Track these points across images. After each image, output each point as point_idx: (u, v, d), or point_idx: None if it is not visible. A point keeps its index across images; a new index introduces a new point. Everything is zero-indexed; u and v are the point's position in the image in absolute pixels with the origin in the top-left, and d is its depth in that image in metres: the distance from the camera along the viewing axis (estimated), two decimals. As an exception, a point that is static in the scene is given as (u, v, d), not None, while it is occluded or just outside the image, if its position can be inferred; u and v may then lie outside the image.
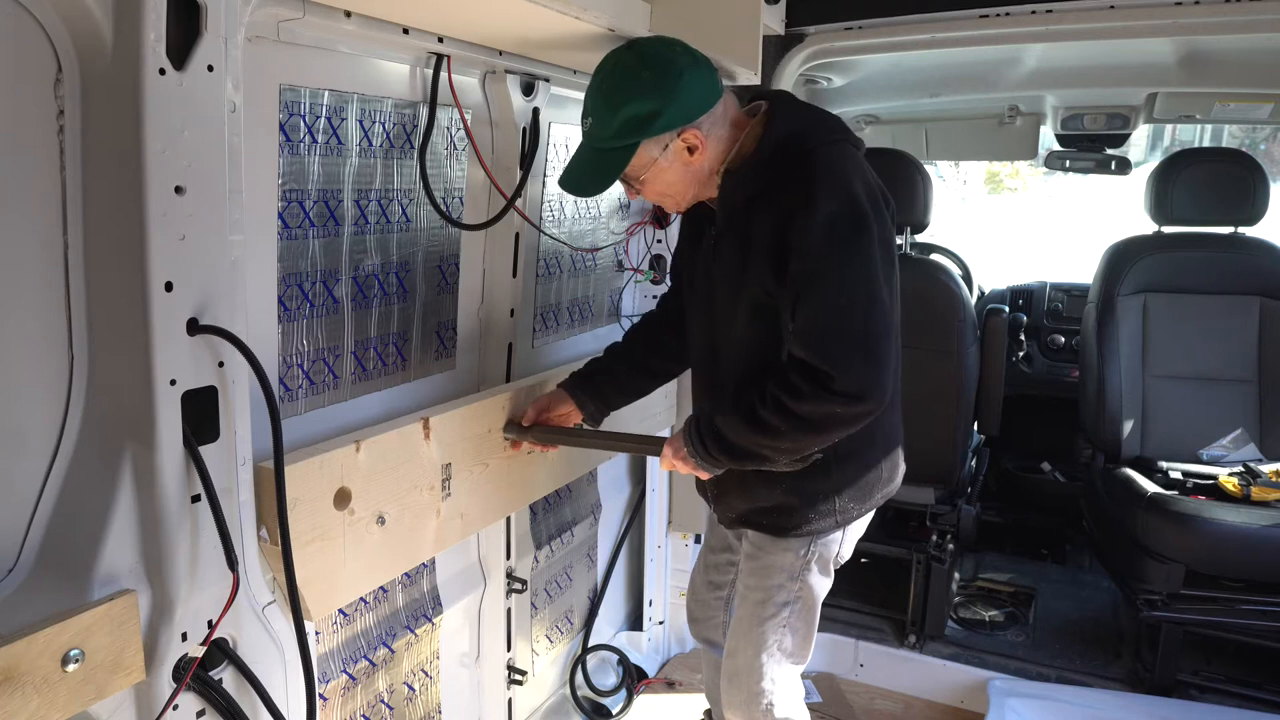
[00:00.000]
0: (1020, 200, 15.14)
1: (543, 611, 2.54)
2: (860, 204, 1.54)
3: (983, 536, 3.60)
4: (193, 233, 1.18)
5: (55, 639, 1.06)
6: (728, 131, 1.62)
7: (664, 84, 1.52)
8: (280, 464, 1.33)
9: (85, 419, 1.18)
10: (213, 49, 1.17)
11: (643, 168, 1.59)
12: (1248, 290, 2.97)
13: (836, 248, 1.51)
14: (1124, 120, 3.24)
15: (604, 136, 1.56)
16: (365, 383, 1.80)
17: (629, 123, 1.53)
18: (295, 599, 1.38)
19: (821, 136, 1.61)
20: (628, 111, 1.52)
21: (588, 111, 1.58)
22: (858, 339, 1.50)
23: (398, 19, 1.56)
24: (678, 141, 1.57)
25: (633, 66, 1.53)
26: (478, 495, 1.89)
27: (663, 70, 1.52)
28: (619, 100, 1.52)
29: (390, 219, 1.79)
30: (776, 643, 1.83)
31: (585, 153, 1.61)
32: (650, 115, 1.52)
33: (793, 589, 1.82)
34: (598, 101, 1.55)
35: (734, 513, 1.87)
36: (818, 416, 1.51)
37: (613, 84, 1.54)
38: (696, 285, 1.81)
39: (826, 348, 1.49)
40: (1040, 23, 2.20)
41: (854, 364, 1.48)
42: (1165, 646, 2.65)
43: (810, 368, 1.49)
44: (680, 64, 1.53)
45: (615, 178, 1.61)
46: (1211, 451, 2.92)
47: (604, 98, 1.54)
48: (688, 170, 1.61)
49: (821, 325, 1.51)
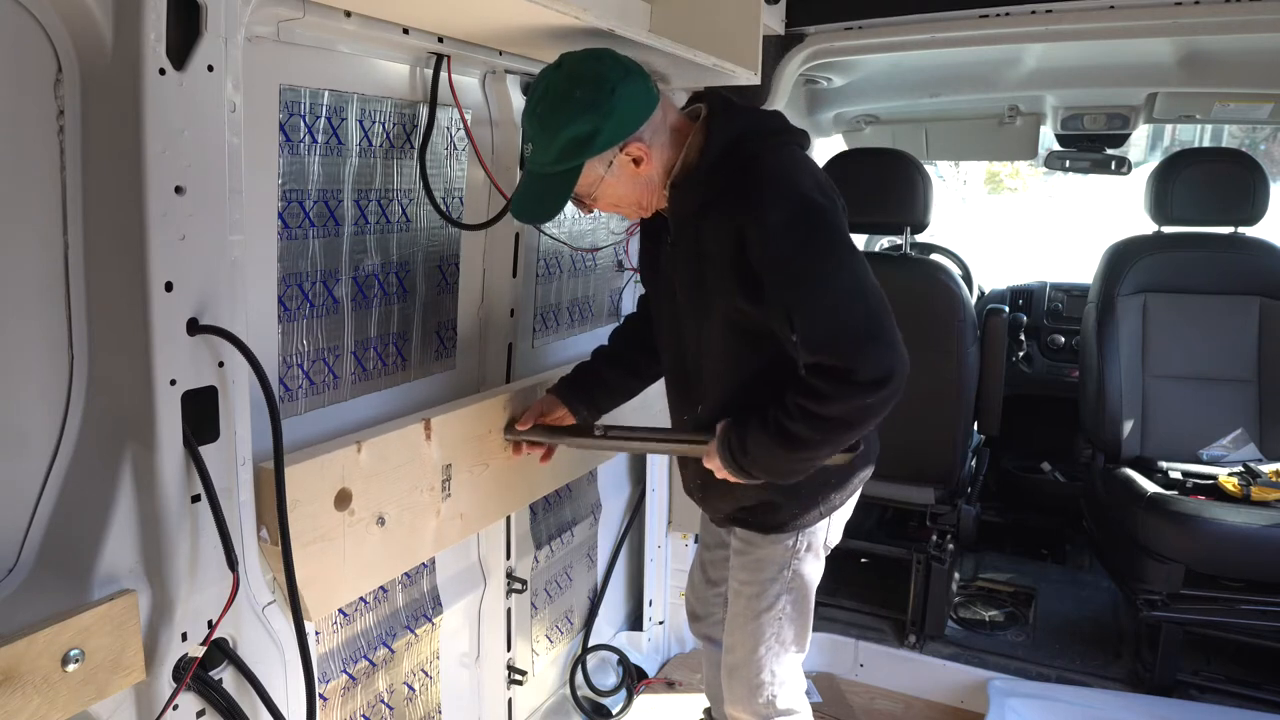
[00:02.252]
0: (1020, 200, 15.13)
1: (543, 611, 2.54)
2: (812, 199, 1.52)
3: (983, 536, 3.60)
4: (193, 233, 1.18)
5: (55, 639, 1.06)
6: (670, 136, 1.59)
7: (598, 101, 1.48)
8: (280, 464, 1.33)
9: (85, 419, 1.18)
10: (213, 49, 1.17)
11: (591, 185, 1.56)
12: (1248, 290, 2.97)
13: (805, 249, 1.50)
14: (1124, 120, 3.24)
15: (546, 162, 1.52)
16: (365, 383, 1.80)
17: (569, 145, 1.49)
18: (295, 599, 1.38)
19: (764, 140, 1.59)
20: (566, 135, 1.48)
21: (527, 138, 1.54)
22: (862, 327, 1.48)
23: (398, 19, 1.56)
24: (621, 156, 1.54)
25: (563, 88, 1.49)
26: (478, 495, 1.89)
27: (595, 86, 1.48)
28: (555, 124, 1.49)
29: (390, 219, 1.79)
30: (774, 635, 1.84)
31: (530, 179, 1.57)
32: (589, 135, 1.49)
33: (785, 579, 1.82)
34: (535, 128, 1.52)
35: (721, 513, 1.89)
36: (849, 413, 1.49)
37: (546, 108, 1.50)
38: (660, 290, 1.81)
39: (837, 346, 1.47)
40: (1040, 23, 2.20)
41: (869, 352, 1.46)
42: (1165, 646, 2.65)
43: (828, 369, 1.47)
44: (611, 78, 1.49)
45: (564, 202, 1.57)
46: (1211, 451, 2.92)
47: (540, 123, 1.51)
48: (637, 181, 1.58)
49: (824, 327, 1.48)
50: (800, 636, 1.87)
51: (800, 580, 1.84)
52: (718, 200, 1.56)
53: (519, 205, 1.60)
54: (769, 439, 1.56)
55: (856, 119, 3.54)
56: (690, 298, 1.69)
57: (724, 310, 1.62)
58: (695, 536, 2.92)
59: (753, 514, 1.80)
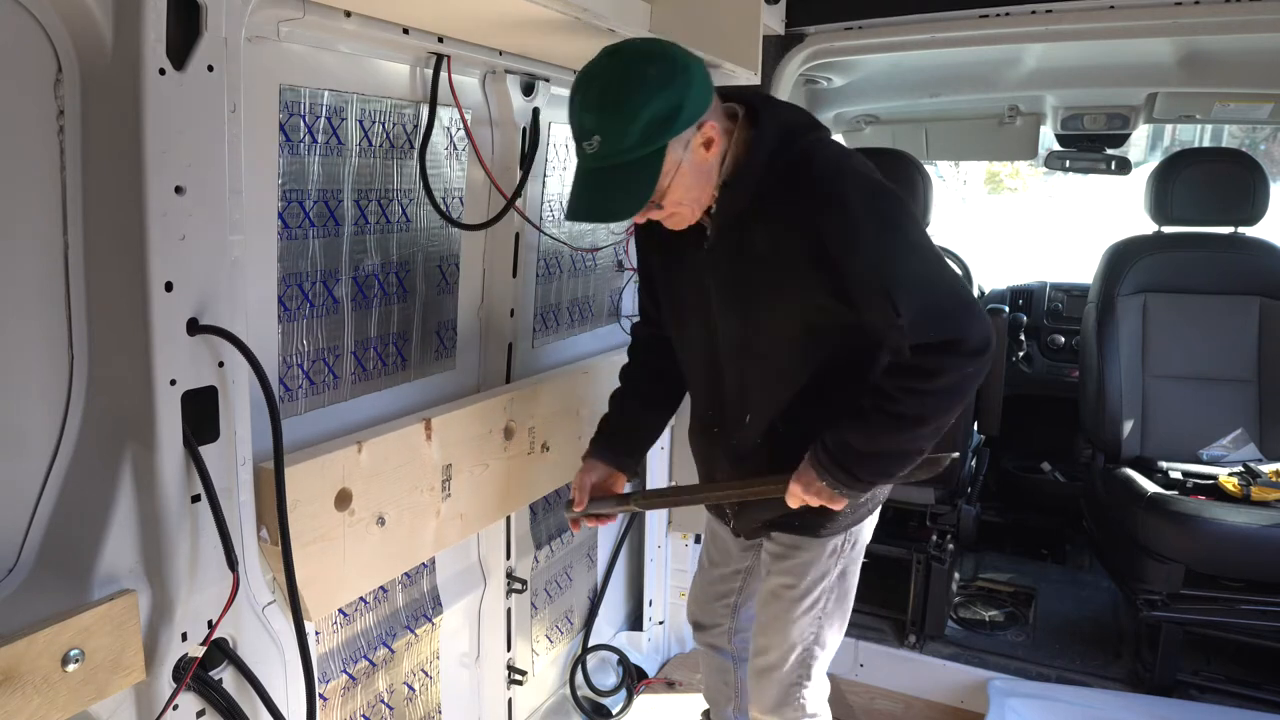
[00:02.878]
0: (1020, 200, 15.13)
1: (543, 611, 2.54)
2: (883, 184, 1.52)
3: (983, 536, 3.60)
4: (193, 233, 1.18)
5: (55, 639, 1.06)
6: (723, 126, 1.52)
7: (675, 75, 1.41)
8: (280, 464, 1.33)
9: (85, 419, 1.18)
10: (213, 49, 1.17)
11: (669, 173, 1.46)
12: (1248, 290, 2.97)
13: (892, 231, 1.48)
14: (1124, 120, 3.24)
15: (625, 149, 1.41)
16: (365, 383, 1.80)
17: (651, 125, 1.40)
18: (295, 599, 1.38)
19: (808, 134, 1.56)
20: (648, 113, 1.39)
21: (589, 130, 1.42)
22: (955, 296, 1.48)
23: (398, 19, 1.56)
24: (696, 137, 1.46)
25: (634, 69, 1.41)
26: (478, 496, 1.89)
27: (669, 61, 1.42)
28: (634, 104, 1.39)
29: (390, 219, 1.79)
30: (814, 636, 1.81)
31: (601, 174, 1.45)
32: (673, 111, 1.41)
33: (830, 580, 1.79)
34: (604, 116, 1.41)
35: (758, 521, 1.82)
36: (955, 384, 1.48)
37: (619, 92, 1.41)
38: (686, 301, 1.74)
39: (940, 320, 1.46)
40: (1040, 23, 2.20)
41: (967, 321, 1.46)
42: (1165, 646, 2.65)
43: (935, 344, 1.46)
44: (677, 52, 1.44)
45: (651, 190, 1.46)
46: (1211, 451, 2.92)
47: (613, 108, 1.40)
48: (702, 170, 1.51)
49: (926, 302, 1.47)
50: (837, 636, 1.86)
51: (845, 579, 1.82)
52: (776, 197, 1.51)
53: (590, 204, 1.48)
54: (876, 431, 1.52)
55: (856, 119, 3.54)
56: (735, 302, 1.62)
57: (789, 309, 1.57)
58: (696, 536, 2.92)
59: (799, 517, 1.72)
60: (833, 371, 1.62)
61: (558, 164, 2.26)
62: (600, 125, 1.41)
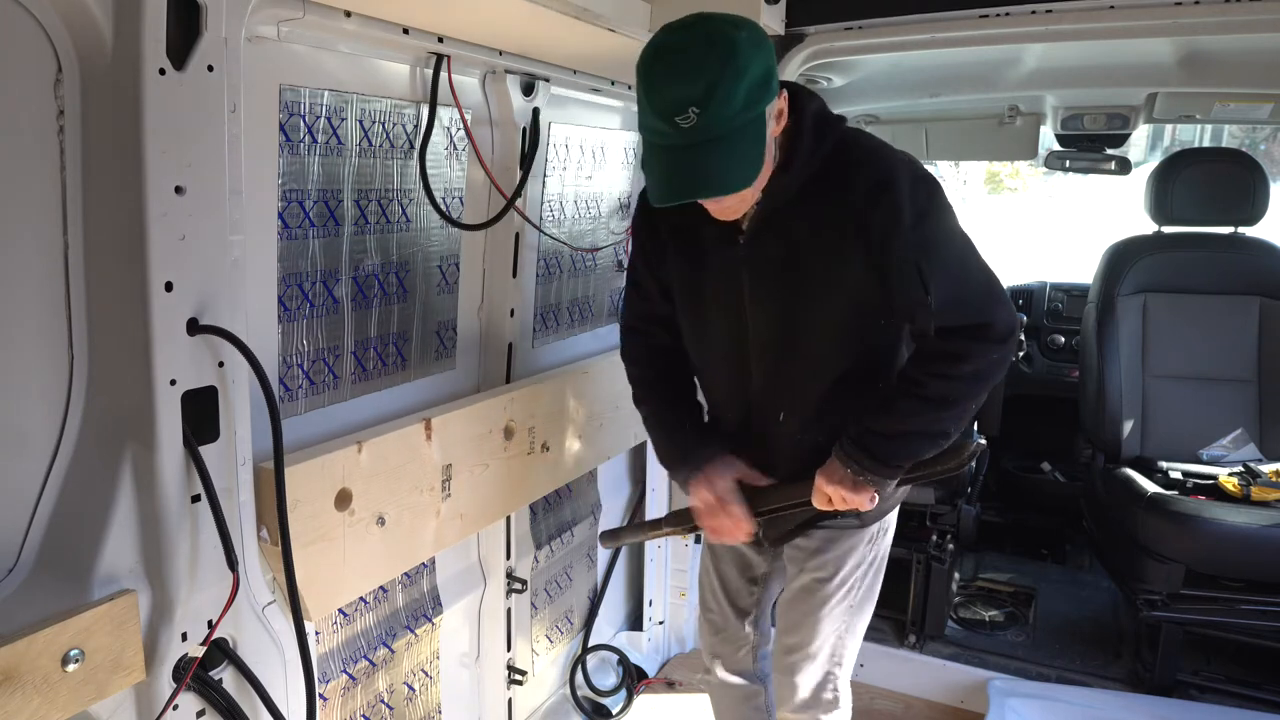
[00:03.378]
0: (1020, 200, 15.13)
1: (543, 611, 2.54)
2: (925, 170, 1.52)
3: (983, 536, 3.60)
4: (193, 233, 1.18)
5: (55, 639, 1.06)
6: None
7: (761, 37, 1.35)
8: (280, 464, 1.33)
9: (85, 419, 1.18)
10: (213, 49, 1.17)
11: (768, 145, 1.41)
12: (1248, 290, 2.97)
13: (934, 215, 1.49)
14: (1124, 120, 3.23)
15: (729, 115, 1.31)
16: (365, 383, 1.80)
17: (754, 88, 1.32)
18: (295, 599, 1.38)
19: (840, 119, 1.55)
20: (751, 75, 1.31)
21: (683, 101, 1.29)
22: (989, 283, 1.51)
23: (398, 19, 1.56)
24: (775, 105, 1.39)
25: (723, 31, 1.32)
26: (478, 496, 1.89)
27: (748, 25, 1.35)
28: (737, 67, 1.30)
29: (390, 219, 1.79)
30: (846, 625, 1.81)
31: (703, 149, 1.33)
32: (768, 73, 1.35)
33: (864, 567, 1.78)
34: (704, 82, 1.29)
35: (791, 525, 1.75)
36: (981, 369, 1.50)
37: (717, 56, 1.30)
38: (711, 302, 1.65)
39: (975, 304, 1.49)
40: (1040, 23, 2.20)
41: (997, 308, 1.49)
42: (1165, 646, 2.65)
43: (963, 328, 1.48)
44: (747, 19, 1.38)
45: (763, 157, 1.39)
46: (1211, 451, 2.92)
47: (714, 72, 1.29)
48: (772, 147, 1.43)
49: (958, 287, 1.49)
50: (864, 625, 1.86)
51: (878, 564, 1.82)
52: (822, 183, 1.49)
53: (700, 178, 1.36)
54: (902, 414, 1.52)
55: (856, 119, 3.54)
56: (776, 294, 1.57)
57: (834, 298, 1.54)
58: (696, 537, 2.92)
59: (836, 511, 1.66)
60: (869, 366, 1.62)
61: (558, 164, 2.26)
62: (701, 93, 1.29)
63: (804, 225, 1.52)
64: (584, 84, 2.14)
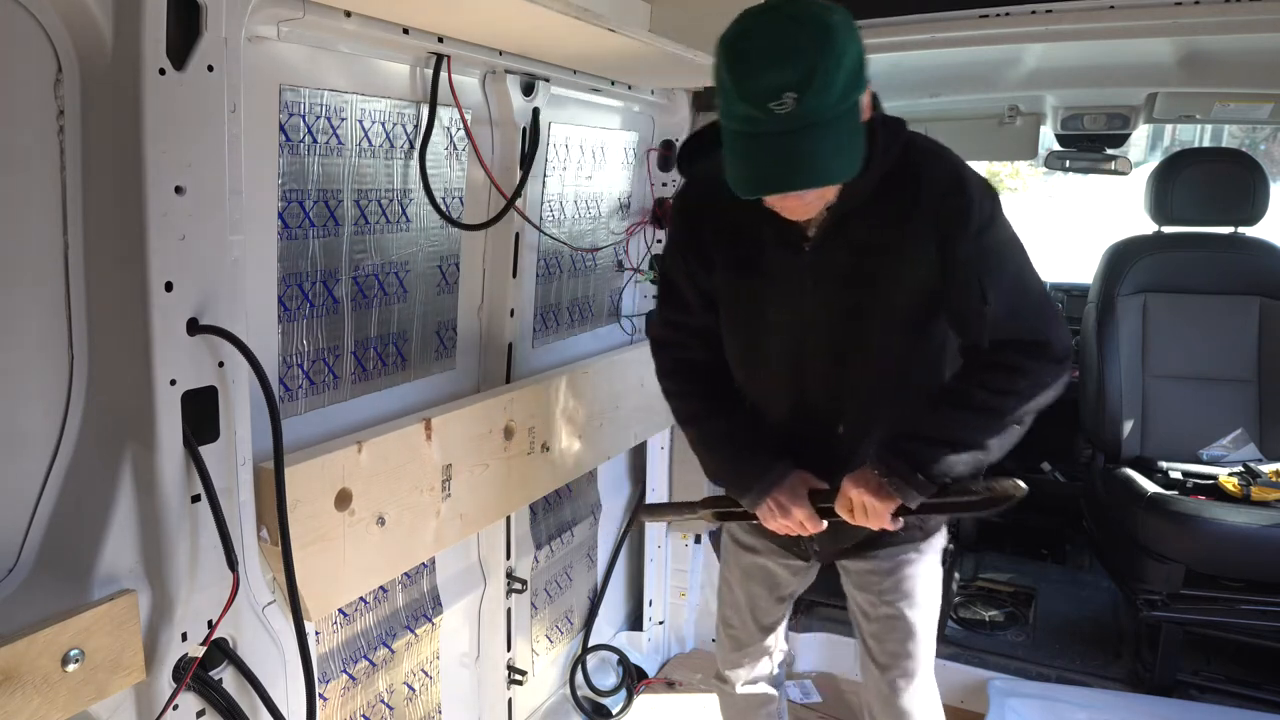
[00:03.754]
0: (1020, 200, 15.12)
1: (543, 611, 2.54)
2: (988, 180, 1.49)
3: (983, 536, 3.60)
4: (193, 233, 1.18)
5: (55, 639, 1.06)
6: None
7: (852, 23, 1.28)
8: (280, 464, 1.33)
9: (85, 419, 1.18)
10: (213, 49, 1.17)
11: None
12: (1248, 290, 2.97)
13: (1001, 226, 1.47)
14: (1124, 120, 3.23)
15: (829, 103, 1.23)
16: (365, 383, 1.80)
17: (851, 75, 1.25)
18: (295, 599, 1.38)
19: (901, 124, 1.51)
20: (849, 60, 1.24)
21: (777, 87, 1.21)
22: (1048, 302, 1.49)
23: (398, 19, 1.56)
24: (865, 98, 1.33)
25: (815, 15, 1.24)
26: (478, 496, 1.89)
27: (839, 10, 1.27)
28: (836, 50, 1.22)
29: (390, 219, 1.79)
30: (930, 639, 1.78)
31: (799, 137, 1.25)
32: (861, 62, 1.28)
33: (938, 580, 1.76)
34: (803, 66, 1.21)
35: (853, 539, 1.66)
36: (1032, 387, 1.46)
37: (814, 39, 1.21)
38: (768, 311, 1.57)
39: (1032, 319, 1.45)
40: (1040, 23, 2.20)
41: (1056, 328, 1.46)
42: (1165, 646, 2.65)
43: (1018, 343, 1.44)
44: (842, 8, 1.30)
45: (862, 148, 1.32)
46: (1211, 451, 2.92)
47: (813, 56, 1.21)
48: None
49: (1019, 299, 1.45)
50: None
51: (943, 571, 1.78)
52: (892, 181, 1.44)
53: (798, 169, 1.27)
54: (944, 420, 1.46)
55: (857, 119, 3.53)
56: (846, 299, 1.51)
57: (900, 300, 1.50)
58: (696, 537, 2.92)
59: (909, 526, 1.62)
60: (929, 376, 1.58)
61: (558, 164, 2.26)
62: (799, 78, 1.21)
63: (874, 228, 1.46)
64: (584, 84, 2.14)
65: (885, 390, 1.57)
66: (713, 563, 2.97)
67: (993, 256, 1.45)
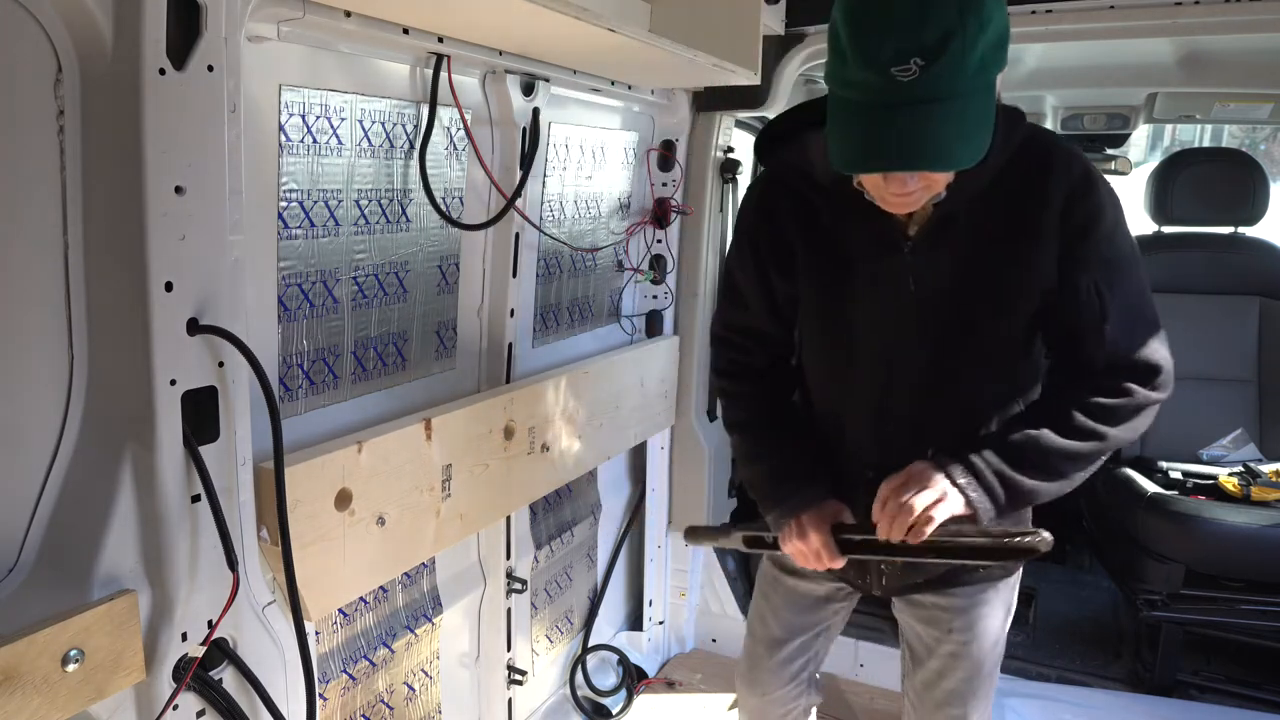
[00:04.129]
0: (1020, 200, 15.10)
1: (543, 611, 2.54)
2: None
3: (982, 536, 3.59)
4: (193, 233, 1.18)
5: (55, 639, 1.06)
6: None
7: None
8: (280, 464, 1.33)
9: (85, 419, 1.18)
10: (213, 49, 1.17)
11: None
12: (1247, 290, 2.97)
13: (1123, 226, 1.34)
14: (1124, 120, 3.24)
15: (963, 74, 1.09)
16: (365, 383, 1.80)
17: (991, 48, 1.11)
18: (295, 599, 1.38)
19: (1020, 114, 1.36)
20: (992, 31, 1.09)
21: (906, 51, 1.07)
22: (1159, 326, 1.36)
23: (398, 19, 1.55)
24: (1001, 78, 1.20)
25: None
26: (478, 496, 1.89)
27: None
28: (984, 14, 1.08)
29: (390, 219, 1.79)
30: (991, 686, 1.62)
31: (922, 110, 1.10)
32: (1005, 35, 1.14)
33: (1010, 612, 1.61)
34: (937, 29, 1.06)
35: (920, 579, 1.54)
36: (1134, 409, 1.34)
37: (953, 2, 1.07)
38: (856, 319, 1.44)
39: (1146, 341, 1.33)
40: (1040, 23, 2.20)
41: (1164, 354, 1.34)
42: (1165, 646, 2.65)
43: (1128, 367, 1.33)
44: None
45: (992, 131, 1.18)
46: (1211, 451, 2.92)
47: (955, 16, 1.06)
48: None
49: (1136, 318, 1.34)
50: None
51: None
52: (1010, 174, 1.31)
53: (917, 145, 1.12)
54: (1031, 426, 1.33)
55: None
56: (950, 303, 1.37)
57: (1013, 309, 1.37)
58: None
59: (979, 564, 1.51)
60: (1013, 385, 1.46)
61: (558, 164, 2.26)
62: (933, 42, 1.07)
63: (989, 225, 1.33)
64: (584, 84, 2.14)
65: (984, 411, 1.44)
66: (713, 563, 2.98)
67: (1115, 268, 1.32)
